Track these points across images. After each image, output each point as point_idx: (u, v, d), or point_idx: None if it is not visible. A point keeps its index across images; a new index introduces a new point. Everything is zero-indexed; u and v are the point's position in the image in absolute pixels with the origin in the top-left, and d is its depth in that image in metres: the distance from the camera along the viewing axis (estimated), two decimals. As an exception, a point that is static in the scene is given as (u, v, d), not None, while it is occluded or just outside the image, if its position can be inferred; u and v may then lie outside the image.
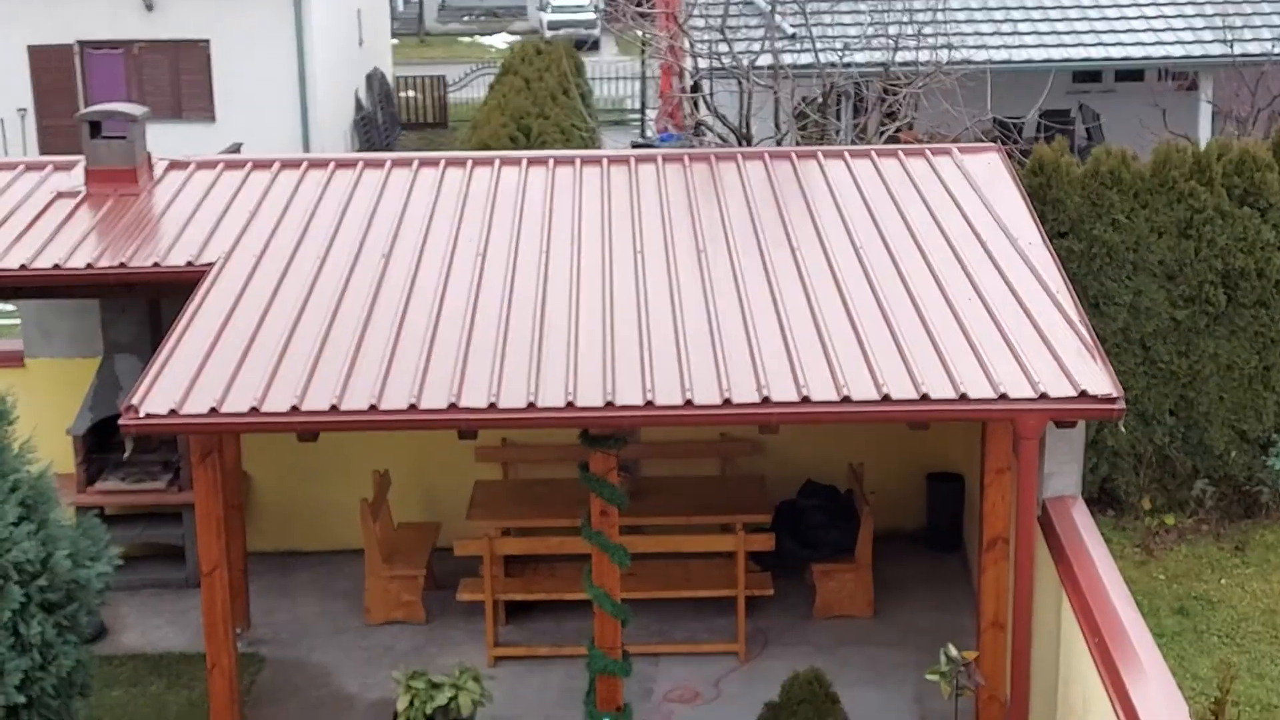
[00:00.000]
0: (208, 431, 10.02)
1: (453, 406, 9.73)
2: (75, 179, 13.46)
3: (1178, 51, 23.08)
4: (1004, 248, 11.73)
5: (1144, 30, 23.38)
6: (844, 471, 13.58)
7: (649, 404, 9.71)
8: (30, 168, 13.96)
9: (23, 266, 12.00)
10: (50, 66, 26.89)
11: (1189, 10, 23.58)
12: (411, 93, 35.78)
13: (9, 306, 15.76)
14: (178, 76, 27.01)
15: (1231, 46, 22.08)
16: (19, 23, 26.47)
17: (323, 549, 13.93)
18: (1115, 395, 9.66)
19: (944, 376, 9.83)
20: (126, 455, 13.51)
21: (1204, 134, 22.20)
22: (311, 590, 13.38)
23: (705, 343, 10.38)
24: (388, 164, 13.88)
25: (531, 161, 13.85)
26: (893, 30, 19.49)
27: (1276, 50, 21.53)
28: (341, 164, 13.92)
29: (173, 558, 13.36)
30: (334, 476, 13.61)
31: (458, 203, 12.87)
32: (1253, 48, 21.84)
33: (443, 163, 13.85)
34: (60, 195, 13.17)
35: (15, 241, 12.31)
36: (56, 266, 12.01)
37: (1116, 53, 23.25)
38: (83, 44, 26.87)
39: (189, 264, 11.90)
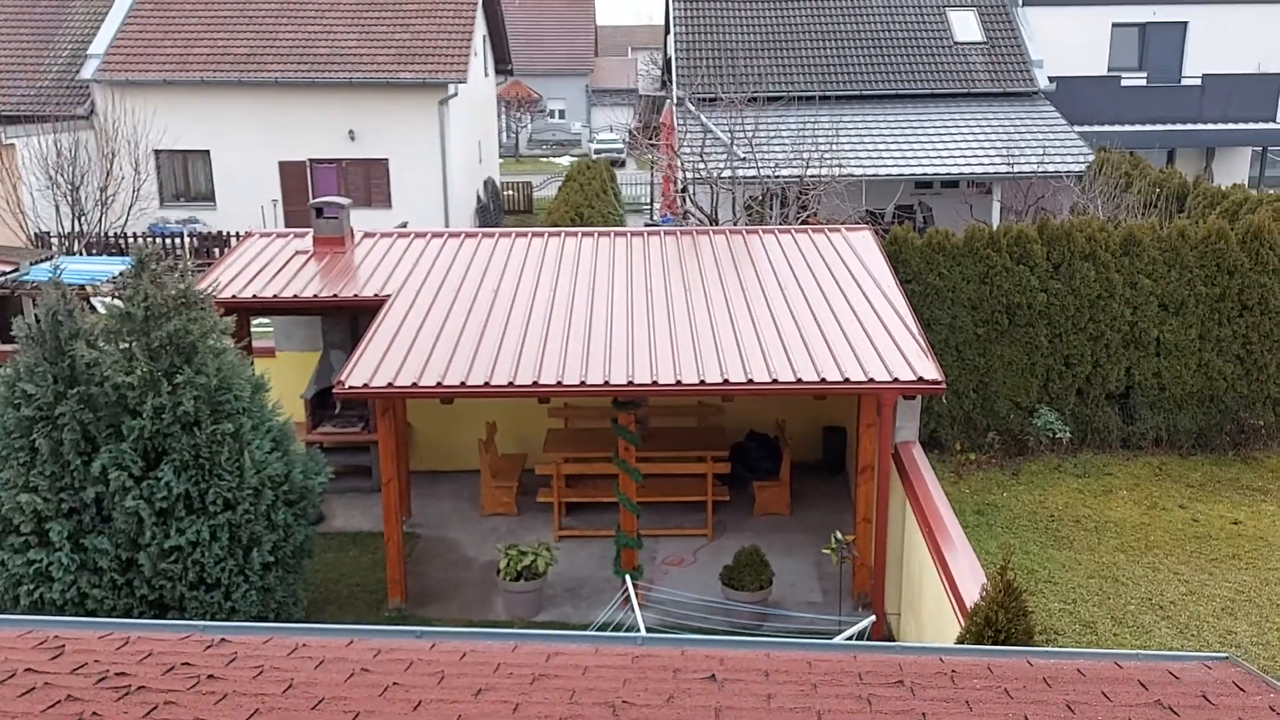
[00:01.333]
0: (386, 397, 10.06)
1: (535, 383, 9.77)
2: (307, 243, 13.49)
3: (979, 169, 23.06)
4: (872, 289, 11.71)
5: (959, 156, 23.37)
6: (773, 425, 13.56)
7: (654, 382, 9.74)
8: (280, 236, 14.01)
9: (275, 296, 12.04)
10: (292, 174, 26.93)
11: (986, 144, 23.56)
12: (510, 191, 35.79)
13: (266, 320, 15.75)
14: (369, 180, 27.03)
15: (1012, 167, 22.05)
16: (274, 147, 26.56)
17: (454, 469, 13.93)
18: (940, 380, 9.67)
19: (835, 367, 9.83)
20: (337, 411, 13.56)
21: (995, 220, 22.14)
22: (447, 494, 13.38)
23: (688, 344, 10.39)
24: (497, 235, 13.90)
25: (584, 234, 13.86)
26: (805, 154, 19.49)
27: (1039, 170, 21.47)
28: (469, 234, 13.94)
29: (364, 474, 13.38)
30: (462, 425, 13.63)
31: (538, 258, 12.88)
32: (1025, 168, 21.79)
33: (530, 234, 13.86)
34: (298, 253, 13.21)
35: (271, 280, 12.35)
36: (295, 296, 12.04)
37: (941, 170, 23.25)
38: (312, 160, 26.88)
39: (375, 295, 11.92)
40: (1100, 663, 3.91)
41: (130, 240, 22.58)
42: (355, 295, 12.00)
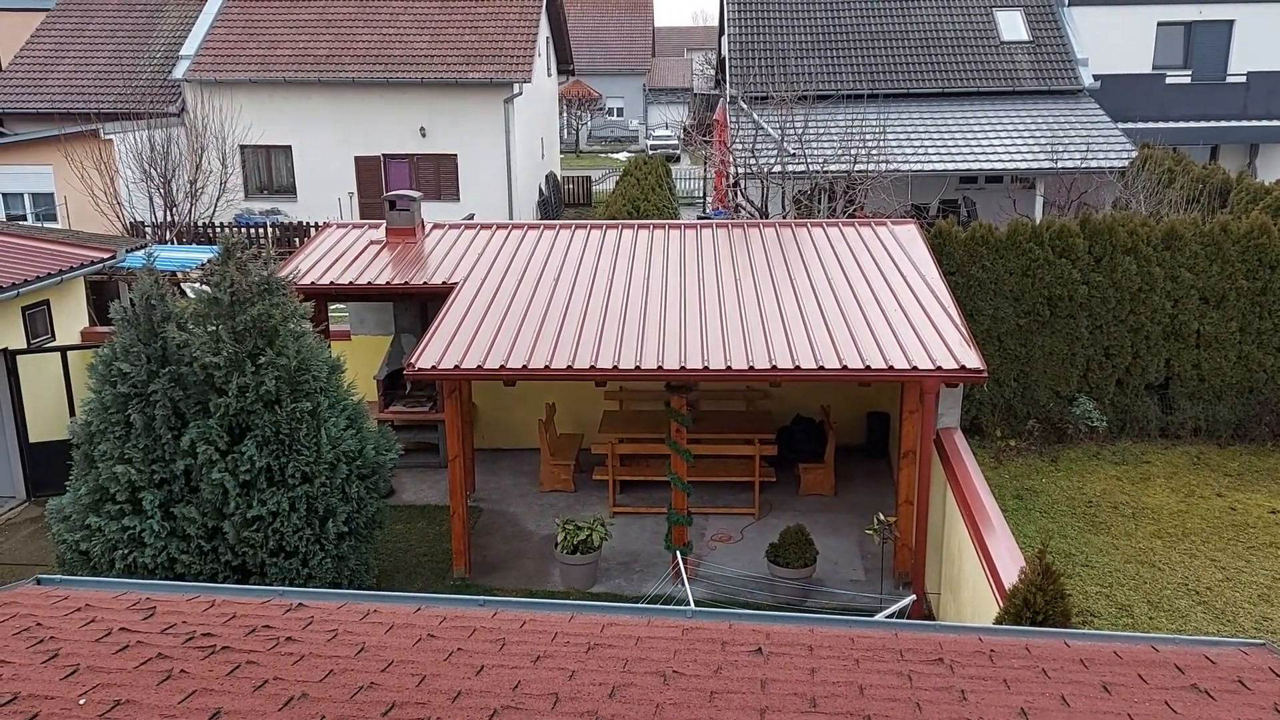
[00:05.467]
0: (453, 378, 10.15)
1: (592, 367, 9.79)
2: (380, 233, 13.63)
3: (1022, 165, 22.58)
4: (916, 280, 11.56)
5: (1002, 152, 22.90)
6: (819, 409, 13.47)
7: (705, 367, 9.72)
8: (355, 226, 14.17)
9: (351, 283, 12.20)
10: (367, 168, 27.22)
11: (1030, 140, 23.06)
12: (571, 185, 35.79)
13: (342, 305, 15.98)
14: (439, 174, 27.22)
15: (1055, 162, 21.58)
16: (351, 144, 26.85)
17: (516, 447, 14.04)
18: (982, 369, 9.52)
19: (879, 355, 9.72)
20: (407, 391, 13.71)
21: (1038, 215, 21.70)
22: (509, 471, 13.49)
23: (738, 332, 10.34)
24: (557, 227, 13.94)
25: (639, 226, 13.83)
26: (853, 151, 19.26)
27: (1081, 165, 21.00)
28: (531, 226, 14.00)
29: (431, 451, 13.51)
30: (524, 406, 13.72)
31: (596, 249, 12.89)
32: (1068, 163, 21.32)
33: (588, 226, 13.87)
34: (372, 243, 13.35)
35: (347, 268, 12.50)
36: (369, 283, 12.19)
37: (985, 165, 22.79)
38: (386, 156, 27.13)
39: (443, 282, 12.02)
40: (1136, 645, 3.83)
41: (217, 230, 23.02)
42: (425, 283, 12.11)
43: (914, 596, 9.11)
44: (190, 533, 8.59)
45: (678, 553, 10.10)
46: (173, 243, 20.82)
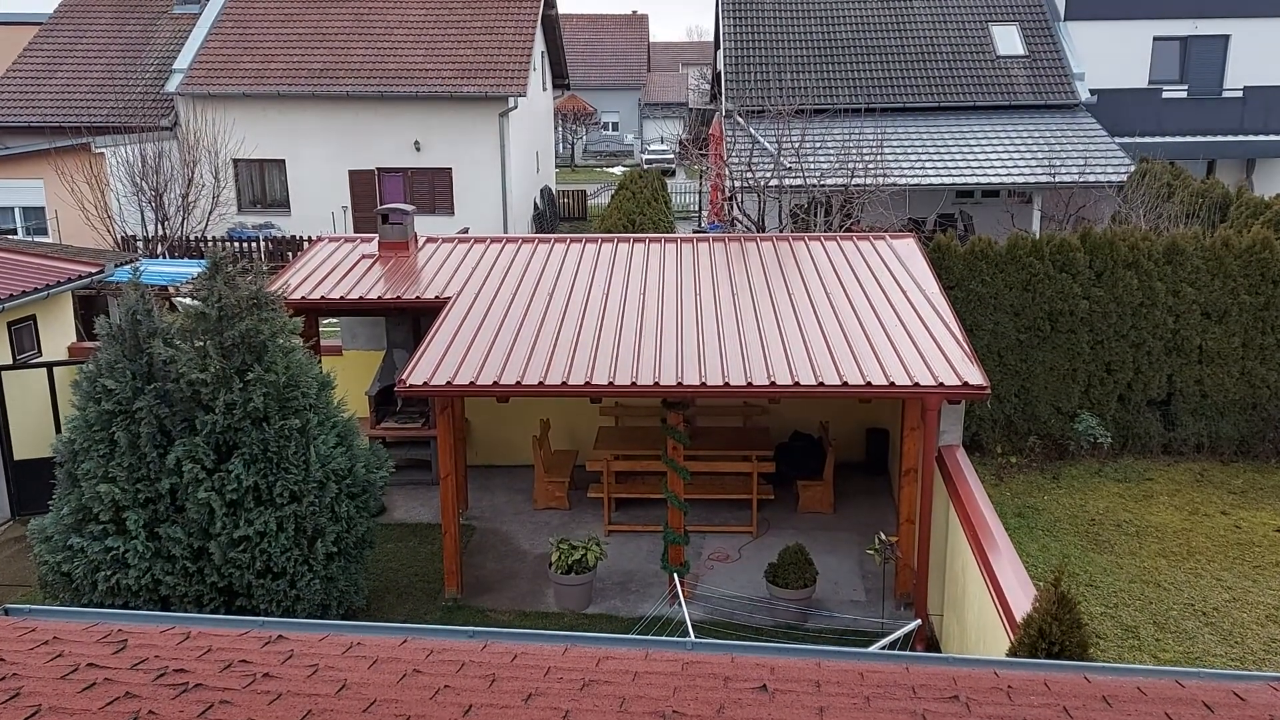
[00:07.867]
0: (445, 395, 9.97)
1: (587, 383, 9.61)
2: (373, 247, 13.47)
3: (1020, 179, 22.50)
4: (916, 295, 11.40)
5: (1000, 166, 22.82)
6: (818, 426, 13.28)
7: (702, 384, 9.53)
8: (348, 240, 14.01)
9: (342, 297, 12.01)
10: (361, 182, 27.06)
11: (1027, 154, 22.98)
12: (566, 199, 35.64)
13: (333, 320, 15.78)
14: (433, 188, 27.07)
15: (1054, 177, 21.49)
16: (345, 158, 26.71)
17: (509, 464, 13.84)
18: (984, 385, 9.34)
19: (880, 371, 9.55)
20: (398, 408, 13.52)
21: (1036, 229, 21.59)
22: (502, 488, 13.29)
23: (736, 347, 10.17)
24: (552, 240, 13.78)
25: (635, 240, 13.68)
26: (850, 165, 19.15)
27: (1080, 180, 20.92)
28: (526, 240, 13.84)
29: (423, 467, 13.33)
30: (517, 422, 13.52)
31: (592, 263, 12.73)
32: (1065, 178, 21.24)
33: (584, 240, 13.72)
34: (365, 256, 13.19)
35: (339, 283, 12.33)
36: (361, 298, 12.00)
37: (983, 179, 22.70)
38: (380, 169, 26.99)
39: (436, 297, 11.85)
40: (1161, 680, 3.63)
41: (209, 244, 22.82)
42: (417, 297, 11.94)
43: (919, 621, 8.90)
44: (175, 553, 8.37)
45: (674, 573, 9.89)
46: (164, 257, 20.63)
